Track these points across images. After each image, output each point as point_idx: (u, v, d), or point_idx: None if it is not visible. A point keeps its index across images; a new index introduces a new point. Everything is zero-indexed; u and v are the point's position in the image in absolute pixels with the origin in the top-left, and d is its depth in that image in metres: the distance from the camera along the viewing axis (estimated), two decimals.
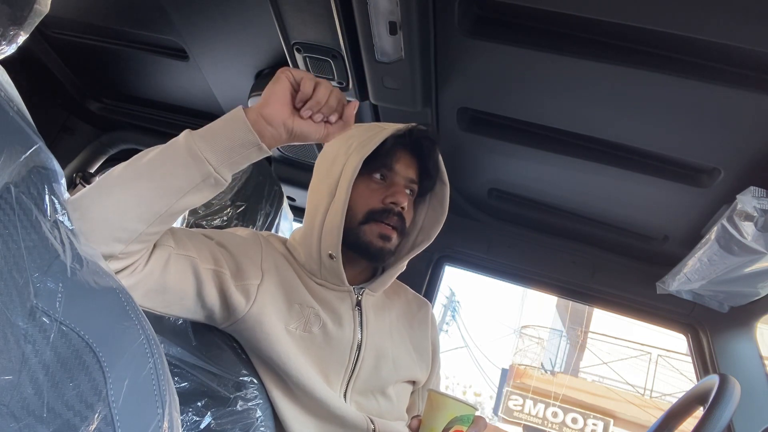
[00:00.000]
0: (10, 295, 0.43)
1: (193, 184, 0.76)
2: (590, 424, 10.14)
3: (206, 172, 0.76)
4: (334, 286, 1.03)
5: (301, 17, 1.02)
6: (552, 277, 1.61)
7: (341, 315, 1.02)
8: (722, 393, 0.90)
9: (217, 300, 0.91)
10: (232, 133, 0.78)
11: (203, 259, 0.89)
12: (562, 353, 12.85)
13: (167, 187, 0.75)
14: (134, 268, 0.78)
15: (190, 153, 0.76)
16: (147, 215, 0.75)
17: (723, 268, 1.16)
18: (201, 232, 0.97)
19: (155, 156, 0.77)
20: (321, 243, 1.00)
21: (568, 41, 0.94)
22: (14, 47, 0.55)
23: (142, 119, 1.87)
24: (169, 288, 0.84)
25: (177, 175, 0.75)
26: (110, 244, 0.72)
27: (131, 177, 0.75)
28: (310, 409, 0.96)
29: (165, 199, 0.75)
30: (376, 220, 1.00)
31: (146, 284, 0.81)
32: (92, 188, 0.75)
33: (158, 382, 0.53)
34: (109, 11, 1.40)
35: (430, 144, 1.07)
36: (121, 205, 0.73)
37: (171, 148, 0.77)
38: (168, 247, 0.84)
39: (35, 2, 0.55)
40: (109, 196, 0.74)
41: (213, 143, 0.77)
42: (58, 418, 0.44)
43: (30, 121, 0.51)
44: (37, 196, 0.48)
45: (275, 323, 0.94)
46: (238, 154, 0.78)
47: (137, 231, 0.74)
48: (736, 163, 1.04)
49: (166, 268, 0.83)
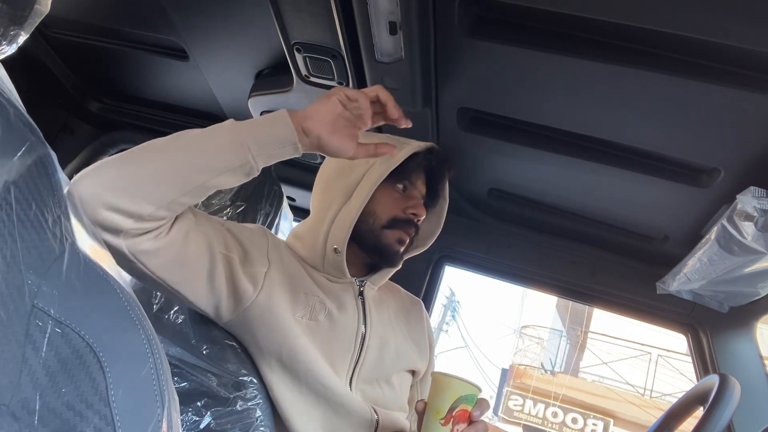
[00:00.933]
0: (9, 294, 0.43)
1: (230, 167, 0.82)
2: (590, 424, 10.14)
3: (244, 157, 0.82)
4: (336, 278, 1.07)
5: (301, 17, 1.02)
6: (552, 277, 1.61)
7: (345, 304, 1.05)
8: (722, 393, 0.90)
9: (225, 286, 0.92)
10: (274, 129, 0.84)
11: (218, 241, 0.93)
12: (562, 353, 12.85)
13: (206, 163, 0.81)
14: (159, 232, 0.82)
15: (235, 137, 0.82)
16: (182, 184, 0.79)
17: (723, 268, 1.16)
18: (213, 217, 0.99)
19: (200, 134, 0.83)
20: (328, 237, 1.05)
21: (568, 41, 0.94)
22: (14, 47, 0.55)
23: (142, 119, 1.87)
24: (187, 262, 0.87)
25: (217, 155, 0.81)
26: (141, 203, 0.76)
27: (175, 148, 0.81)
28: (315, 401, 0.97)
29: (202, 174, 0.80)
30: (399, 227, 1.08)
31: (167, 253, 0.84)
32: (133, 151, 0.80)
33: (158, 381, 0.53)
34: (109, 11, 1.40)
35: (447, 168, 1.17)
36: (161, 171, 0.79)
37: (216, 131, 0.83)
38: (189, 220, 0.88)
39: (35, 2, 0.55)
40: (152, 160, 0.79)
41: (256, 134, 0.83)
42: (57, 418, 0.44)
43: (30, 121, 0.51)
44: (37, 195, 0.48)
45: (283, 311, 0.96)
46: (276, 149, 0.84)
47: (169, 197, 0.79)
48: (736, 163, 1.04)
49: (187, 240, 0.87)
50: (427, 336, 1.25)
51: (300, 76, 1.18)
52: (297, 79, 1.20)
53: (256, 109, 1.42)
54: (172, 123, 1.82)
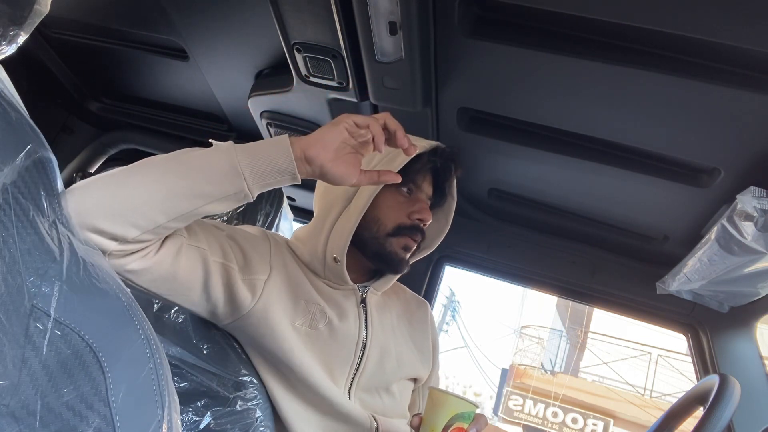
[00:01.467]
0: (9, 295, 0.42)
1: (224, 195, 0.78)
2: (590, 424, 10.14)
3: (240, 186, 0.78)
4: (337, 285, 1.04)
5: (301, 17, 1.01)
6: (552, 277, 1.61)
7: (347, 312, 1.03)
8: (722, 393, 0.90)
9: (222, 294, 0.91)
10: (274, 158, 0.80)
11: (213, 251, 0.90)
12: (562, 353, 12.85)
13: (199, 190, 0.77)
14: (146, 253, 0.79)
15: (231, 165, 0.78)
16: (171, 210, 0.76)
17: (723, 268, 1.16)
18: (212, 223, 0.97)
19: (195, 157, 0.79)
20: (327, 245, 1.01)
21: (568, 41, 0.93)
22: (14, 47, 0.55)
23: (142, 119, 1.87)
24: (178, 278, 0.85)
25: (212, 182, 0.77)
26: (126, 227, 0.73)
27: (167, 171, 0.77)
28: (313, 406, 0.97)
29: (194, 201, 0.77)
30: (404, 234, 1.04)
31: (156, 271, 0.81)
32: (124, 170, 0.76)
33: (158, 382, 0.53)
34: (109, 11, 1.40)
35: (454, 166, 1.12)
36: (150, 195, 0.75)
37: (212, 155, 0.79)
38: (180, 236, 0.85)
39: (35, 2, 0.55)
40: (141, 183, 0.75)
41: (253, 162, 0.79)
42: (58, 419, 0.43)
43: (29, 121, 0.51)
44: (36, 196, 0.48)
45: (281, 319, 0.95)
46: (273, 179, 0.81)
47: (156, 222, 0.75)
48: (736, 163, 1.04)
49: (177, 258, 0.84)
50: (431, 340, 1.21)
51: (300, 76, 1.18)
52: (297, 79, 1.20)
53: (256, 109, 1.42)
54: (172, 123, 1.82)
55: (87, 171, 1.97)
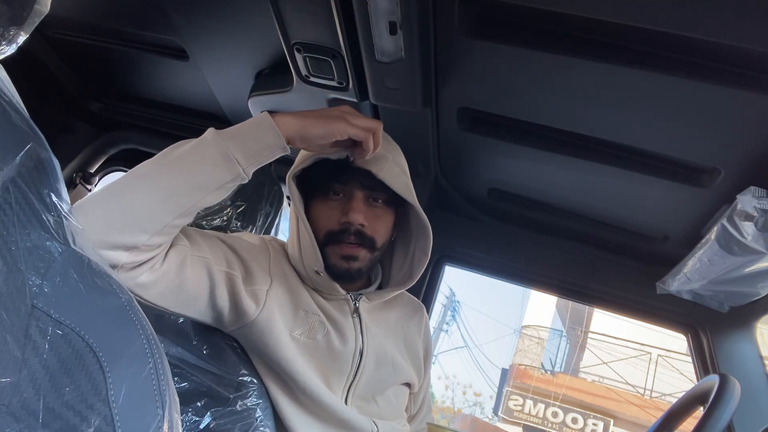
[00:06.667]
0: (9, 295, 0.42)
1: (222, 183, 0.80)
2: (590, 424, 10.15)
3: (236, 172, 0.81)
4: (330, 295, 1.03)
5: (301, 17, 1.01)
6: (552, 277, 1.61)
7: (342, 323, 1.02)
8: (722, 393, 0.90)
9: (227, 303, 0.91)
10: (260, 135, 0.82)
11: (217, 261, 0.90)
12: (562, 353, 12.86)
13: (197, 183, 0.79)
14: (153, 264, 0.80)
15: (222, 154, 0.80)
16: (175, 208, 0.77)
17: (723, 268, 1.16)
18: (213, 234, 0.97)
19: (185, 153, 0.80)
20: (304, 261, 1.00)
21: (568, 41, 0.93)
22: (14, 47, 0.55)
23: (142, 119, 1.87)
24: (185, 288, 0.85)
25: (209, 174, 0.79)
26: (135, 234, 0.74)
27: (162, 172, 0.79)
28: (314, 412, 0.97)
29: (194, 194, 0.79)
30: (337, 241, 0.99)
31: (163, 283, 0.82)
32: (119, 181, 0.77)
33: (158, 382, 0.53)
34: (109, 11, 1.40)
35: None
36: (152, 197, 0.76)
37: (200, 147, 0.80)
38: (184, 247, 0.86)
39: (35, 2, 0.55)
40: (140, 188, 0.77)
41: (243, 145, 0.81)
42: (58, 419, 0.43)
43: (29, 121, 0.51)
44: (37, 195, 0.48)
45: (282, 329, 0.95)
46: (265, 156, 0.83)
47: (163, 222, 0.76)
48: (736, 163, 1.04)
49: (182, 268, 0.84)
50: (423, 348, 1.20)
51: (300, 76, 1.18)
52: (297, 79, 1.20)
53: (256, 109, 1.42)
54: (172, 123, 1.82)
55: (87, 171, 1.97)
